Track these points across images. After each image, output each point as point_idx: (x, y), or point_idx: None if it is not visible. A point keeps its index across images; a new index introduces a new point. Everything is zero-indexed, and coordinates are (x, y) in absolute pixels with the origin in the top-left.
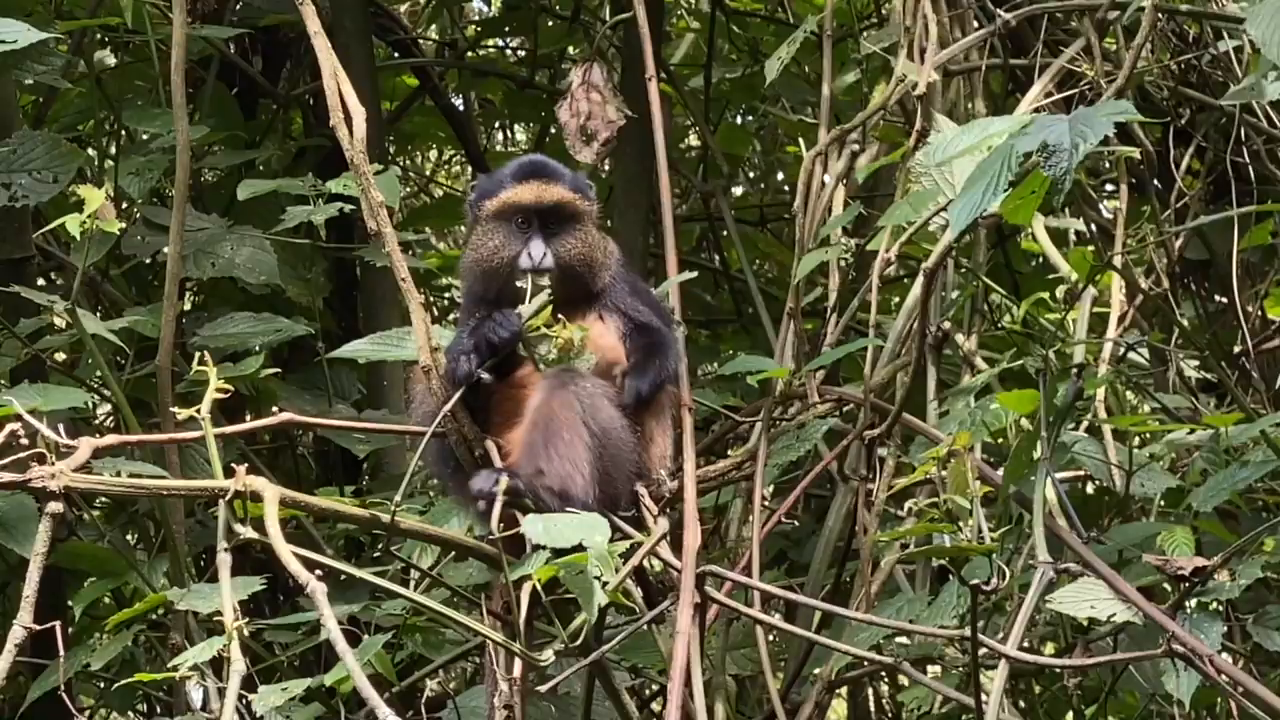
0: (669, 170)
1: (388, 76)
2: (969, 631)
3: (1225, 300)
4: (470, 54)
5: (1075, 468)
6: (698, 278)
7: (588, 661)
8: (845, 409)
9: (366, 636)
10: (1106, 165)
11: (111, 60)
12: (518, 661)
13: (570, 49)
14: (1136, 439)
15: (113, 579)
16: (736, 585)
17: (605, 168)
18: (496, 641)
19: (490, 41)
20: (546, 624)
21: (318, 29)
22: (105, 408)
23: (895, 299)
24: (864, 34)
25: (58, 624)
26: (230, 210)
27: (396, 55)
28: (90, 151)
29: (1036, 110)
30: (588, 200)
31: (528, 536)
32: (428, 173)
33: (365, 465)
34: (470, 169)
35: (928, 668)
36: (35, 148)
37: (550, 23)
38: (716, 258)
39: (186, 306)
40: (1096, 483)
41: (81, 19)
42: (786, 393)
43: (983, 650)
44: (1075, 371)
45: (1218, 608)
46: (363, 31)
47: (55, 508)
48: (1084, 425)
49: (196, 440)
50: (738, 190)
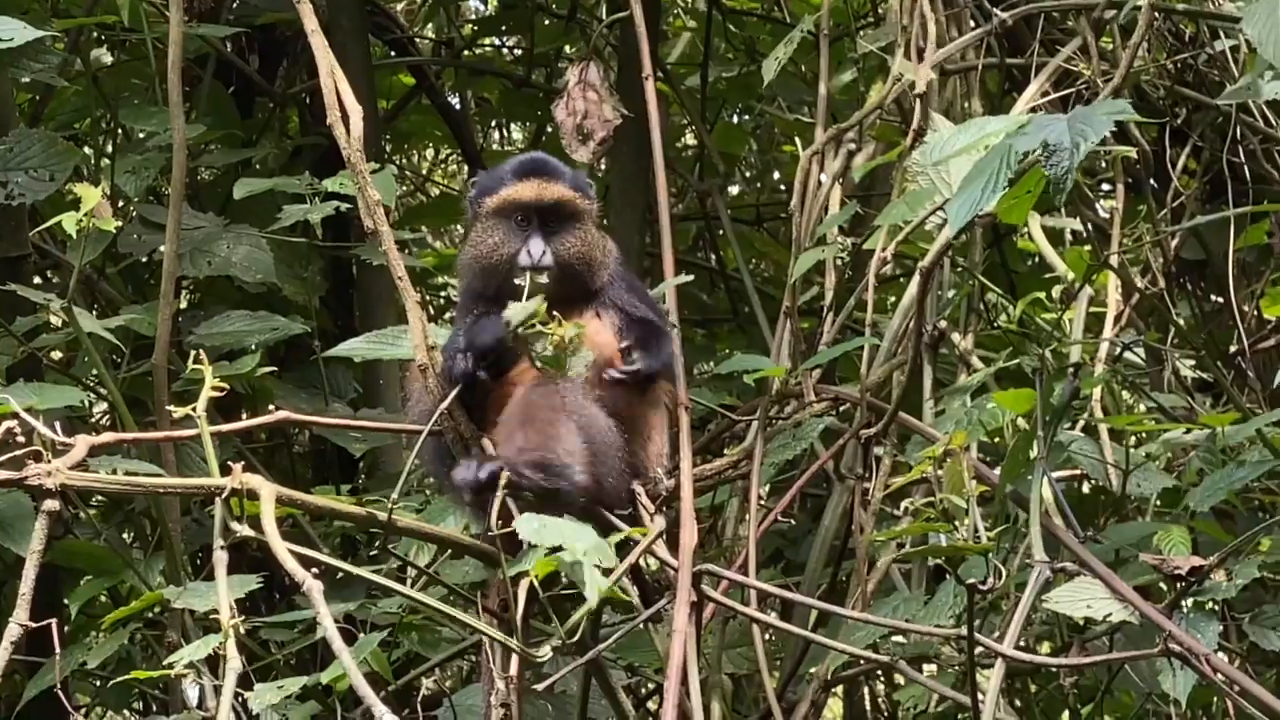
0: (665, 169)
1: (384, 75)
2: (965, 630)
3: (1221, 300)
4: (467, 53)
5: (1072, 467)
6: (694, 277)
7: (584, 660)
8: (841, 408)
9: (363, 635)
10: (1103, 165)
11: (108, 58)
12: (514, 659)
13: (567, 48)
14: (1133, 438)
15: (109, 577)
16: (733, 584)
17: (601, 167)
18: (493, 639)
19: (487, 40)
20: (543, 622)
21: (314, 27)
22: (101, 406)
23: (892, 298)
24: (861, 33)
25: (54, 622)
26: (226, 209)
27: (393, 54)
28: (87, 150)
29: (1033, 109)
30: (588, 199)
31: (520, 534)
32: (424, 171)
33: (361, 464)
34: (467, 168)
35: (924, 666)
36: (32, 146)
37: (547, 21)
38: (713, 257)
39: (183, 305)
40: (1093, 482)
41: (78, 17)
42: (783, 392)
43: (979, 649)
44: (1072, 371)
45: (1214, 607)
46: (359, 30)
47: (51, 505)
48: (1080, 425)
49: (192, 438)
50: (734, 189)
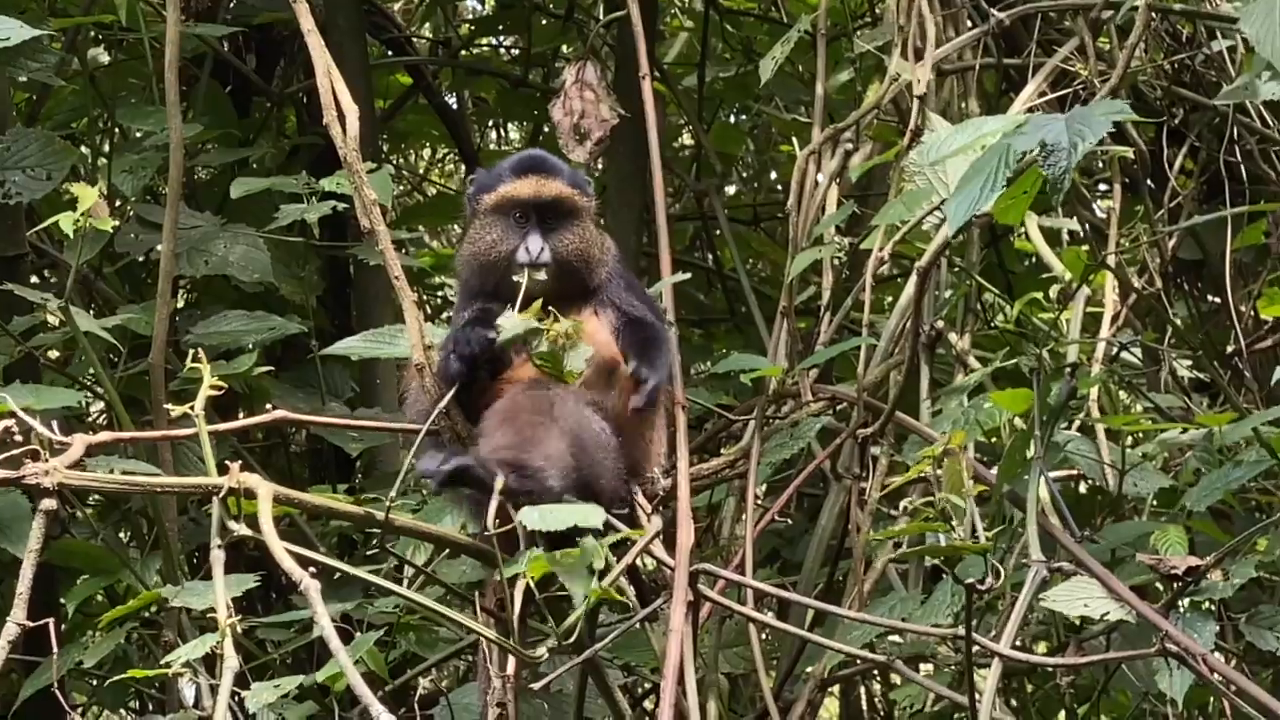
0: (663, 169)
1: (381, 75)
2: (962, 630)
3: (1218, 300)
4: (464, 52)
5: (1069, 467)
6: (691, 277)
7: (581, 659)
8: (838, 408)
9: (359, 634)
10: (1100, 165)
11: (105, 58)
12: (511, 659)
13: (564, 47)
14: (1130, 438)
15: (106, 576)
16: (730, 583)
17: (598, 166)
18: (490, 638)
19: (484, 40)
20: (540, 622)
21: (311, 27)
22: (98, 405)
23: (889, 298)
24: (858, 33)
25: (51, 621)
26: (224, 208)
27: (390, 53)
28: (84, 149)
29: (1030, 110)
30: (586, 196)
31: (519, 527)
32: (421, 171)
33: (358, 463)
34: (464, 167)
35: (920, 666)
36: (29, 145)
37: (544, 21)
38: (710, 256)
39: (180, 304)
40: (1090, 482)
41: (75, 16)
42: (780, 391)
43: (976, 648)
44: (1069, 371)
45: (1210, 607)
46: (356, 30)
47: (48, 505)
48: (1077, 425)
49: (190, 438)
50: (731, 189)
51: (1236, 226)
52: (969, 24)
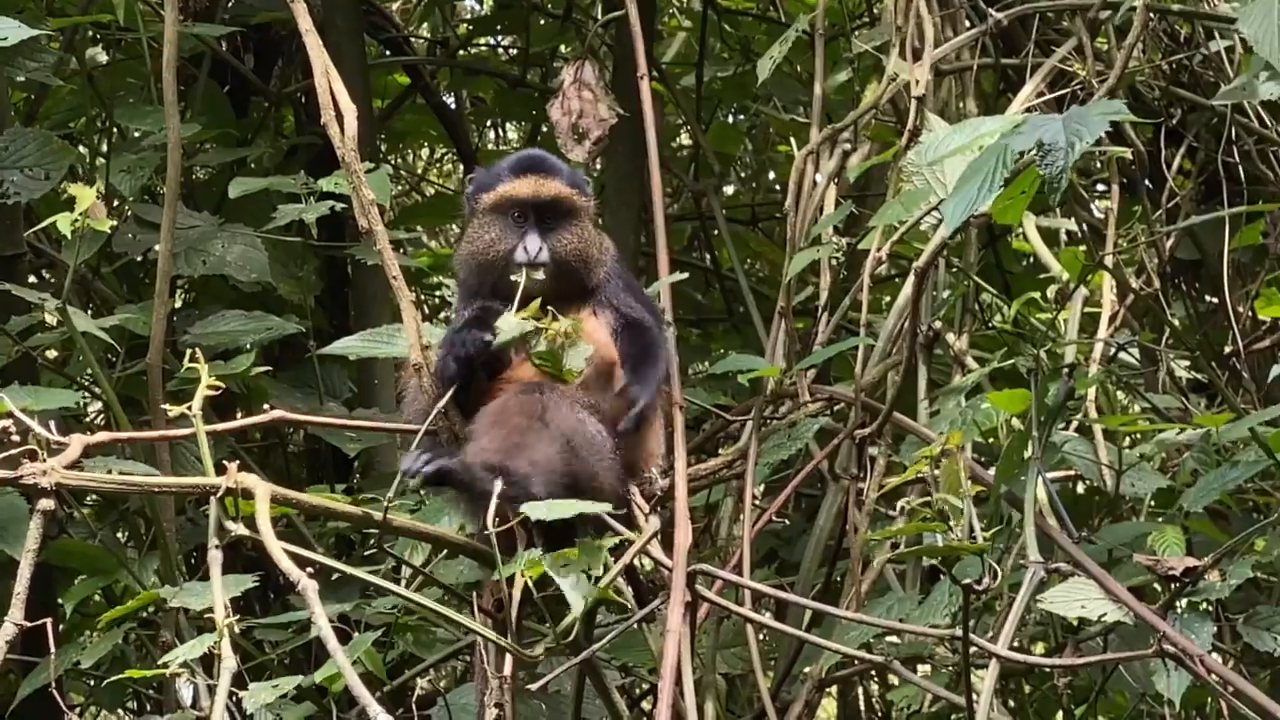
0: (660, 169)
1: (379, 74)
2: (959, 631)
3: (1216, 300)
4: (462, 52)
5: (1066, 467)
6: (690, 277)
7: (578, 660)
8: (836, 408)
9: (357, 635)
10: (1098, 165)
11: (103, 58)
12: (509, 659)
13: (562, 47)
14: (1127, 439)
15: (103, 576)
16: (727, 584)
17: (597, 166)
18: (488, 638)
19: (482, 40)
20: (537, 622)
21: (309, 27)
22: (96, 405)
23: (886, 298)
24: (856, 33)
25: (48, 621)
26: (221, 208)
27: (388, 53)
28: (82, 149)
29: (1028, 110)
30: (585, 196)
31: (530, 514)
32: (419, 171)
33: (356, 463)
34: (462, 167)
35: (918, 667)
36: (27, 145)
37: (542, 21)
38: (708, 256)
39: (177, 304)
40: (1087, 482)
41: (73, 16)
42: (777, 392)
43: (973, 649)
44: (1066, 371)
45: (1208, 608)
46: (354, 29)
47: (46, 505)
48: (1075, 425)
49: (187, 438)
50: (729, 189)
51: (1234, 227)
52: (967, 24)
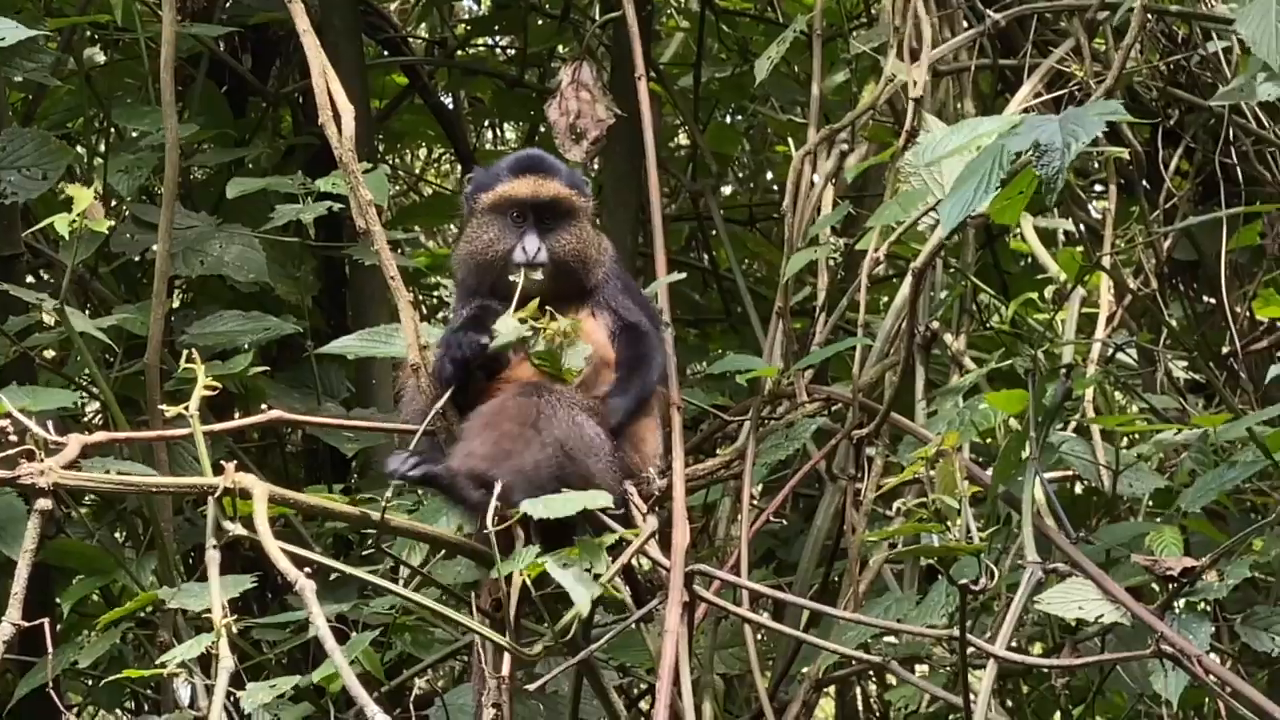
0: (658, 169)
1: (377, 75)
2: (957, 631)
3: (1213, 301)
4: (460, 52)
5: (1064, 468)
6: (687, 277)
7: (576, 660)
8: (834, 408)
9: (355, 635)
10: (1095, 165)
11: (101, 58)
12: (506, 659)
13: (560, 48)
14: (1125, 439)
15: (101, 576)
16: (725, 584)
17: (594, 166)
18: (486, 638)
19: (480, 40)
20: (535, 622)
21: (306, 27)
22: (94, 405)
23: (884, 298)
24: (853, 34)
25: (46, 621)
26: (219, 208)
27: (386, 53)
28: (80, 149)
29: (1026, 110)
30: (584, 196)
31: (529, 510)
32: (417, 171)
33: (354, 463)
34: (460, 168)
35: (916, 667)
36: (24, 145)
37: (540, 21)
38: (705, 257)
39: (175, 304)
40: (1085, 483)
41: (71, 16)
42: (775, 392)
43: (971, 649)
44: (1064, 372)
45: (1206, 608)
46: (352, 30)
47: (44, 505)
48: (1072, 425)
49: (185, 438)
50: (727, 189)
51: (1232, 227)
52: (965, 25)
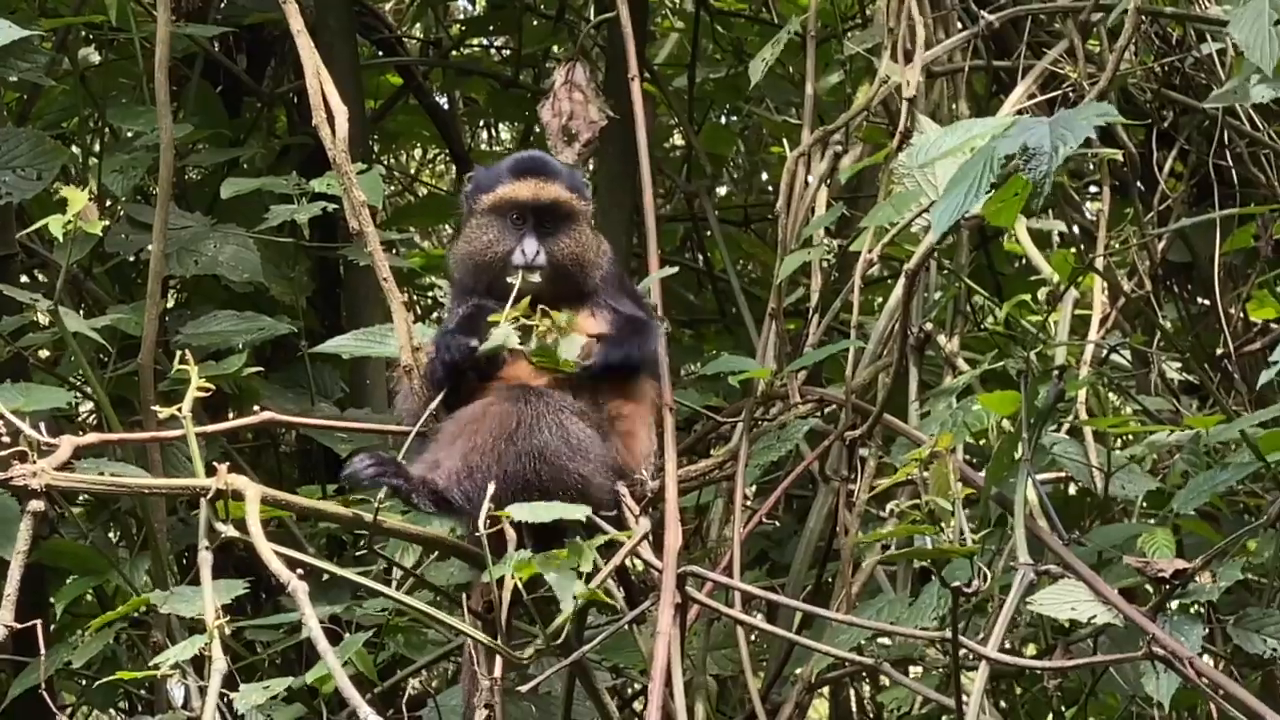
0: (652, 170)
1: (372, 75)
2: (950, 633)
3: (1208, 302)
4: (454, 53)
5: (1057, 469)
6: (682, 278)
7: (569, 661)
8: (827, 409)
9: (348, 636)
10: (1089, 167)
11: (96, 58)
12: (498, 660)
13: (554, 48)
14: (1118, 441)
15: (94, 577)
16: (717, 585)
17: (588, 167)
18: (477, 640)
19: (474, 40)
20: (528, 624)
21: (301, 28)
22: (88, 405)
23: (878, 300)
24: (848, 35)
25: (39, 622)
26: (214, 208)
27: (381, 54)
28: (74, 149)
29: (1020, 112)
30: (584, 200)
31: (515, 515)
32: (412, 171)
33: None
34: (454, 168)
35: (909, 668)
36: (19, 145)
37: (535, 22)
38: (700, 258)
39: (169, 304)
40: (1078, 484)
41: (66, 16)
42: (768, 393)
43: (963, 651)
44: (1057, 373)
45: (1198, 610)
46: (347, 30)
47: (36, 506)
48: (1065, 427)
49: (178, 439)
50: (721, 190)
51: (1226, 229)
52: (959, 26)
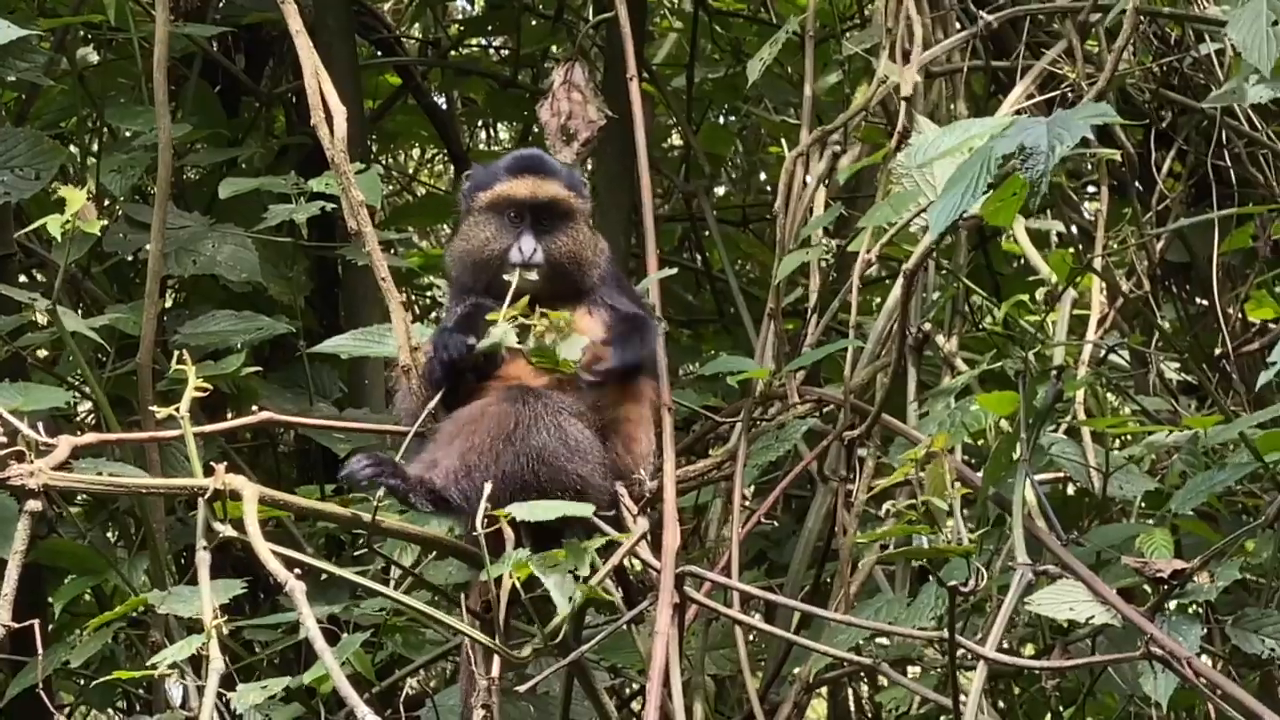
0: (651, 170)
1: (370, 75)
2: (947, 633)
3: (1206, 303)
4: (453, 53)
5: (1054, 469)
6: (680, 278)
7: (567, 661)
8: (825, 410)
9: (346, 635)
10: (1088, 167)
11: (94, 58)
12: (496, 660)
13: (553, 48)
14: (1116, 441)
15: (93, 576)
16: (716, 585)
17: (586, 167)
18: (475, 639)
19: (473, 40)
20: (526, 623)
21: (299, 27)
22: (86, 405)
23: (876, 300)
24: (846, 35)
25: (37, 621)
26: (212, 208)
27: (379, 54)
28: (73, 149)
29: (1018, 112)
30: (582, 198)
31: (515, 514)
32: (410, 171)
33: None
34: (453, 168)
35: (907, 668)
36: (17, 145)
37: (533, 22)
38: (698, 258)
39: (168, 304)
40: (1076, 485)
41: (64, 16)
42: (767, 393)
43: (961, 651)
44: (1055, 373)
45: (1196, 610)
46: (345, 30)
47: (34, 506)
48: (1063, 427)
49: (176, 439)
50: (720, 190)
51: (1224, 229)
52: (957, 26)
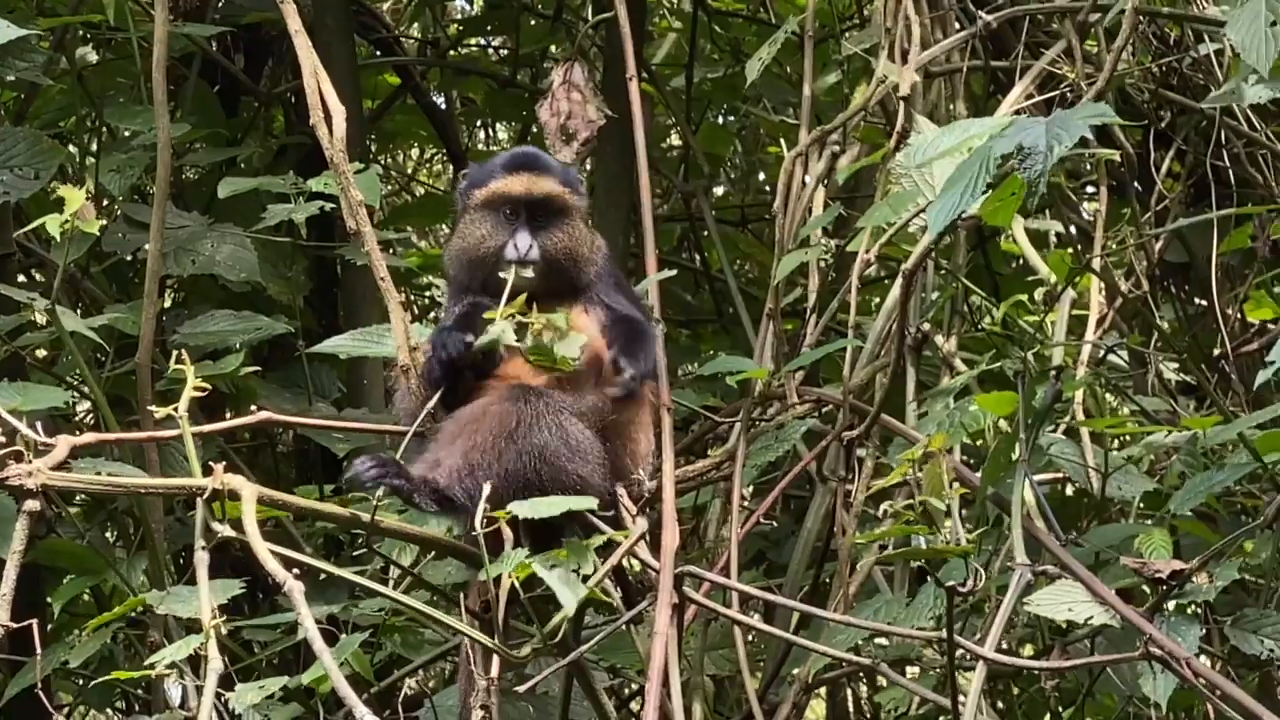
0: (650, 170)
1: (369, 75)
2: (946, 633)
3: (1205, 303)
4: (452, 53)
5: (1053, 470)
6: (679, 278)
7: (566, 661)
8: (824, 410)
9: (345, 636)
10: (1087, 167)
11: (93, 57)
12: (495, 660)
13: (552, 48)
14: (1115, 441)
15: (91, 576)
16: (715, 586)
17: (586, 167)
18: (474, 639)
19: (472, 40)
20: (525, 623)
21: (298, 27)
22: (84, 405)
23: (875, 300)
24: (845, 35)
25: (35, 621)
26: (211, 208)
27: (378, 53)
28: (72, 148)
29: (1017, 112)
30: (578, 195)
31: (517, 511)
32: (409, 171)
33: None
34: (452, 168)
35: (906, 669)
36: (16, 144)
37: (532, 22)
38: (697, 258)
39: (167, 304)
40: (1075, 485)
41: (63, 16)
42: (766, 393)
43: (960, 651)
44: (1054, 373)
45: (1195, 610)
46: (344, 30)
47: (33, 506)
48: (1062, 427)
49: (175, 438)
50: (719, 190)
51: (1223, 230)
52: (956, 26)
